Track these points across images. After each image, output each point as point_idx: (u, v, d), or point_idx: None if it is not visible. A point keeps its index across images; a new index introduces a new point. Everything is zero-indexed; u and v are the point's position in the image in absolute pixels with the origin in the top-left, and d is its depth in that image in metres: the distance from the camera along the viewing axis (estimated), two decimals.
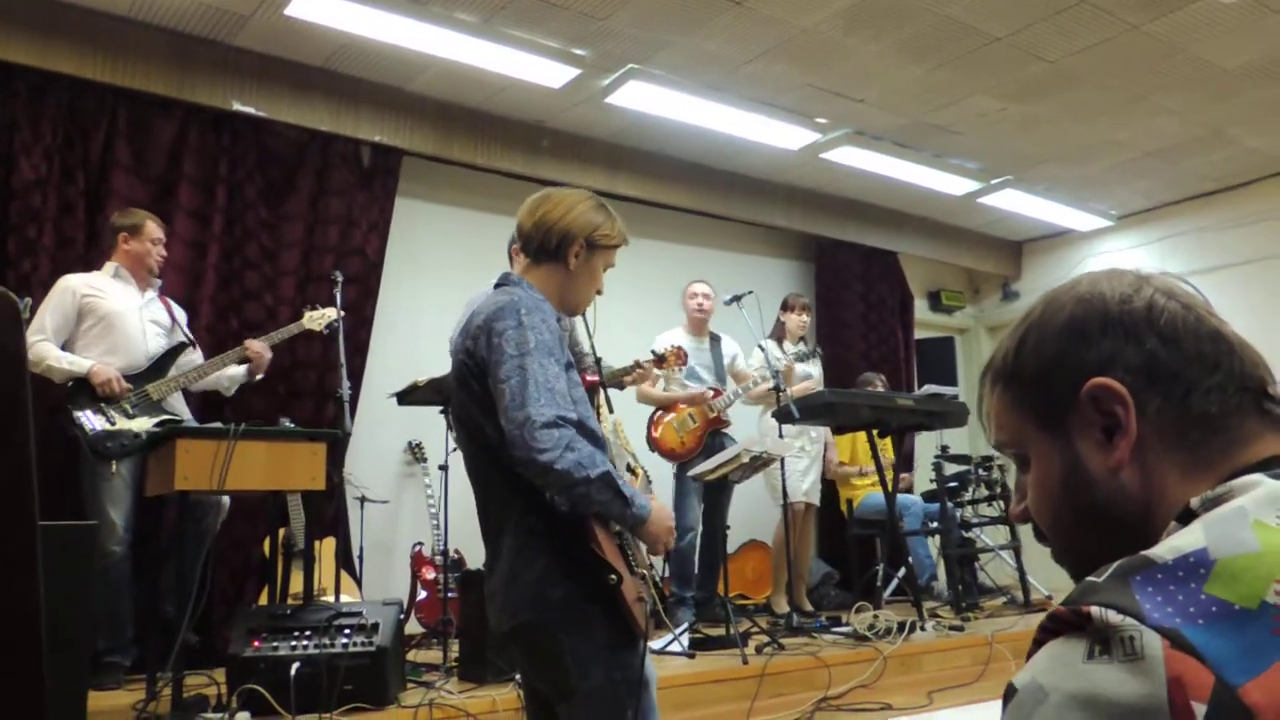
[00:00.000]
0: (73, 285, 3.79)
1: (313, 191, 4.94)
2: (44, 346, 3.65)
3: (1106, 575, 0.65)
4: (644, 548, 2.15)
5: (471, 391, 2.01)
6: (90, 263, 4.10)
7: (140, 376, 3.76)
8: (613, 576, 1.92)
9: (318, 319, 4.11)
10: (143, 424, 3.68)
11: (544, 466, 1.85)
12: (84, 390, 3.63)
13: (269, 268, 4.76)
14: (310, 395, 4.70)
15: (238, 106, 4.65)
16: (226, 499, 3.88)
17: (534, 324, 1.96)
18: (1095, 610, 0.62)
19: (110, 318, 3.78)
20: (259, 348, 3.94)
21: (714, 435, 5.15)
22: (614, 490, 1.91)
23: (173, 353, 3.91)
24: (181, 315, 4.11)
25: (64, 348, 3.72)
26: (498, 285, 2.15)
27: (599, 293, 2.26)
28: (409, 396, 3.75)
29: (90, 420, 3.59)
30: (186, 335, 4.01)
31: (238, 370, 4.01)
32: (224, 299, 4.48)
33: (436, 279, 5.44)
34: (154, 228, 3.95)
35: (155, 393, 3.75)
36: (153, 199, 4.43)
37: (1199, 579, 0.62)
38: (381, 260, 5.12)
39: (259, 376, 4.07)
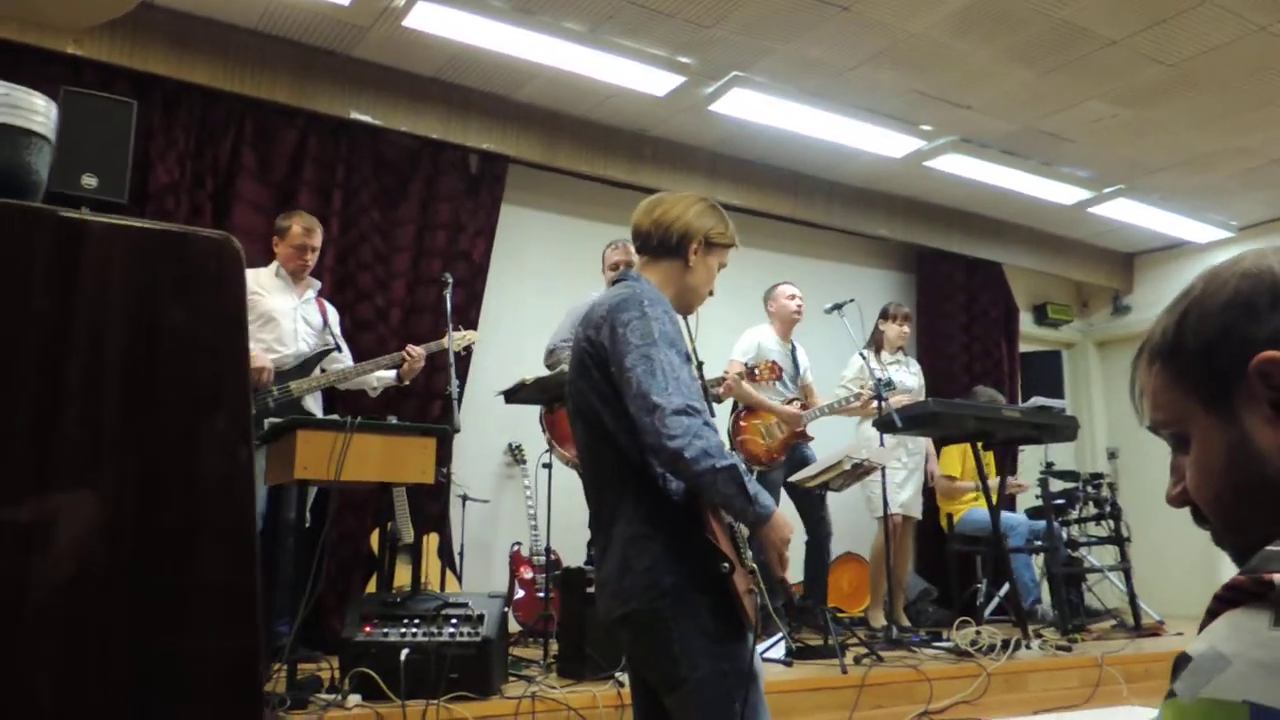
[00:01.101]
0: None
1: (423, 197, 5.10)
2: None
3: None
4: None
5: (591, 380, 2.06)
6: None
7: (286, 374, 3.95)
8: (725, 565, 1.94)
9: (460, 339, 4.27)
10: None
11: (674, 453, 1.88)
12: None
13: (381, 270, 4.93)
14: (416, 395, 4.83)
15: (355, 115, 4.83)
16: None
17: (657, 315, 2.01)
18: (1279, 577, 0.60)
19: (268, 315, 4.01)
20: (419, 353, 4.09)
21: (795, 447, 5.08)
22: (739, 484, 1.93)
23: (319, 355, 4.10)
24: (334, 318, 4.30)
25: None
26: (617, 281, 2.20)
27: (710, 293, 2.31)
28: (516, 395, 3.83)
29: None
30: (335, 338, 4.19)
31: (388, 374, 4.19)
32: (339, 300, 4.64)
33: (539, 284, 5.55)
34: (299, 232, 4.12)
35: (297, 390, 3.94)
36: (274, 203, 4.64)
37: None
38: (487, 264, 5.24)
39: (406, 382, 4.23)
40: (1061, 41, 4.64)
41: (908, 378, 5.67)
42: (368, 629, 3.13)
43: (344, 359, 4.22)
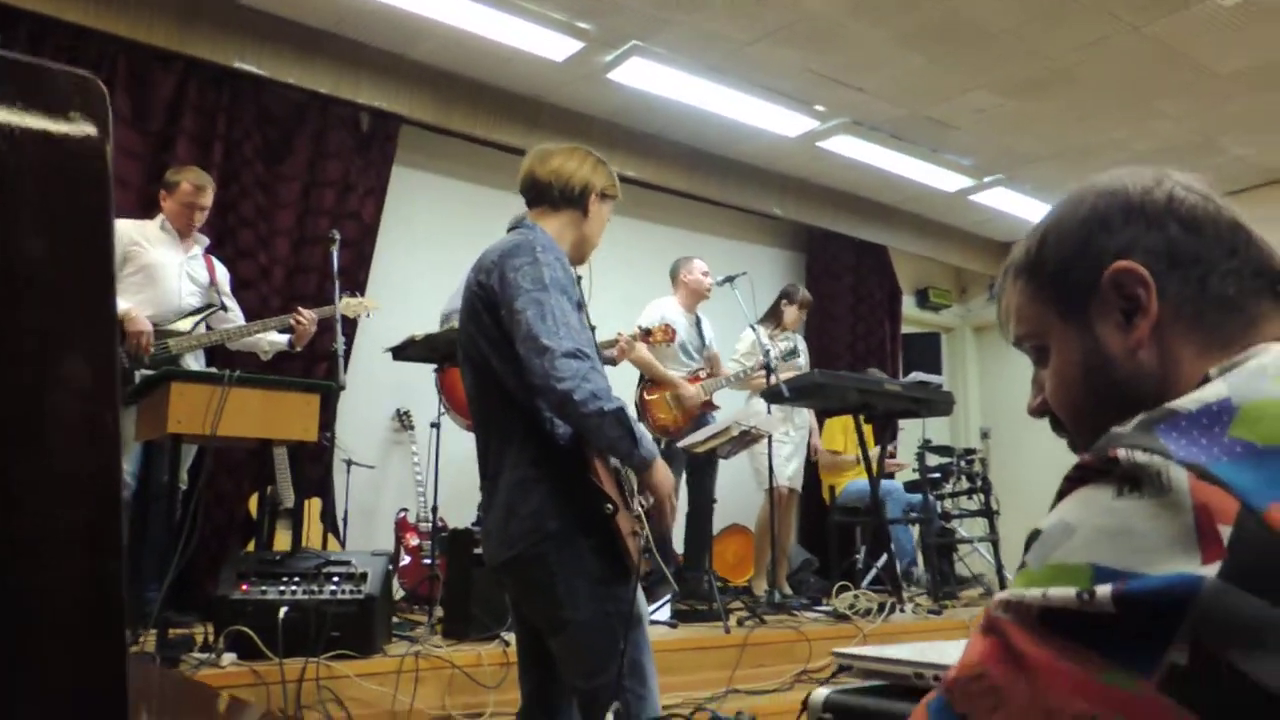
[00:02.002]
0: (122, 230, 3.83)
1: (310, 153, 4.94)
2: None
3: (1131, 426, 0.67)
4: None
5: (480, 323, 2.04)
6: None
7: (165, 331, 3.78)
8: (609, 506, 1.95)
9: (355, 306, 4.18)
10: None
11: (563, 395, 1.88)
12: None
13: (264, 226, 4.76)
14: (301, 357, 4.68)
15: (240, 64, 4.64)
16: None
17: (549, 261, 2.01)
18: (1122, 452, 0.63)
19: (150, 269, 3.84)
20: (310, 318, 3.97)
21: (702, 416, 5.16)
22: (626, 428, 1.94)
23: (201, 311, 3.94)
24: (223, 276, 4.14)
25: None
26: (510, 229, 2.19)
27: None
28: (405, 352, 3.76)
29: None
30: (222, 296, 4.04)
31: (280, 338, 4.06)
32: (218, 256, 4.46)
33: (430, 249, 5.45)
34: (188, 190, 3.95)
35: (175, 347, 3.77)
36: (150, 151, 4.43)
37: (1222, 424, 0.64)
38: (377, 226, 5.12)
39: (298, 348, 4.10)
40: (951, 29, 4.79)
41: (801, 359, 5.80)
42: (244, 587, 3.04)
43: (233, 318, 4.07)
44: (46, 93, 0.52)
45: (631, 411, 2.02)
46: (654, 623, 4.08)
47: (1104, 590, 0.59)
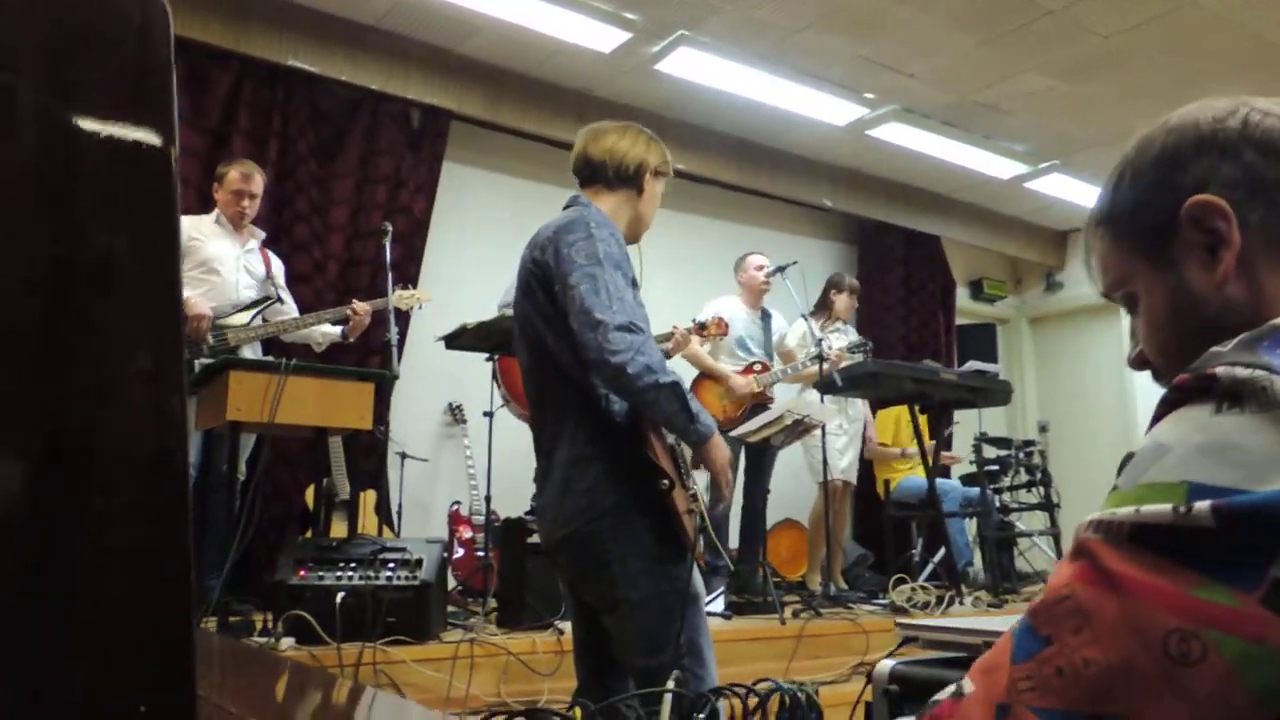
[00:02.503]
0: (181, 225, 3.87)
1: (362, 150, 5.00)
2: None
3: (1232, 345, 0.64)
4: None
5: (535, 300, 2.04)
6: None
7: (223, 322, 3.86)
8: (664, 482, 1.93)
9: (408, 298, 4.22)
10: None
11: (617, 368, 1.87)
12: None
13: (318, 222, 4.82)
14: (355, 349, 4.74)
15: (293, 62, 4.71)
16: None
17: (603, 236, 2.00)
18: (1221, 369, 0.60)
19: (209, 262, 3.91)
20: (364, 309, 4.02)
21: (756, 410, 5.11)
22: (682, 401, 1.92)
23: (258, 304, 4.01)
24: (279, 269, 4.20)
25: None
26: (566, 207, 2.18)
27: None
28: (457, 340, 3.78)
29: None
30: (278, 289, 4.10)
31: (334, 330, 4.11)
32: (274, 251, 4.52)
33: (481, 244, 5.47)
34: (236, 178, 4.00)
35: (233, 338, 3.84)
36: (208, 150, 4.50)
37: None
38: (428, 221, 5.16)
39: (352, 339, 4.16)
40: (1000, 9, 4.70)
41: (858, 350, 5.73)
42: (302, 573, 3.07)
43: (288, 310, 4.13)
44: (117, 95, 0.53)
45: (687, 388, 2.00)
46: (708, 614, 4.06)
47: (1202, 505, 0.56)
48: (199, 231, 3.96)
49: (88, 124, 0.53)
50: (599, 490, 1.95)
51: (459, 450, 5.27)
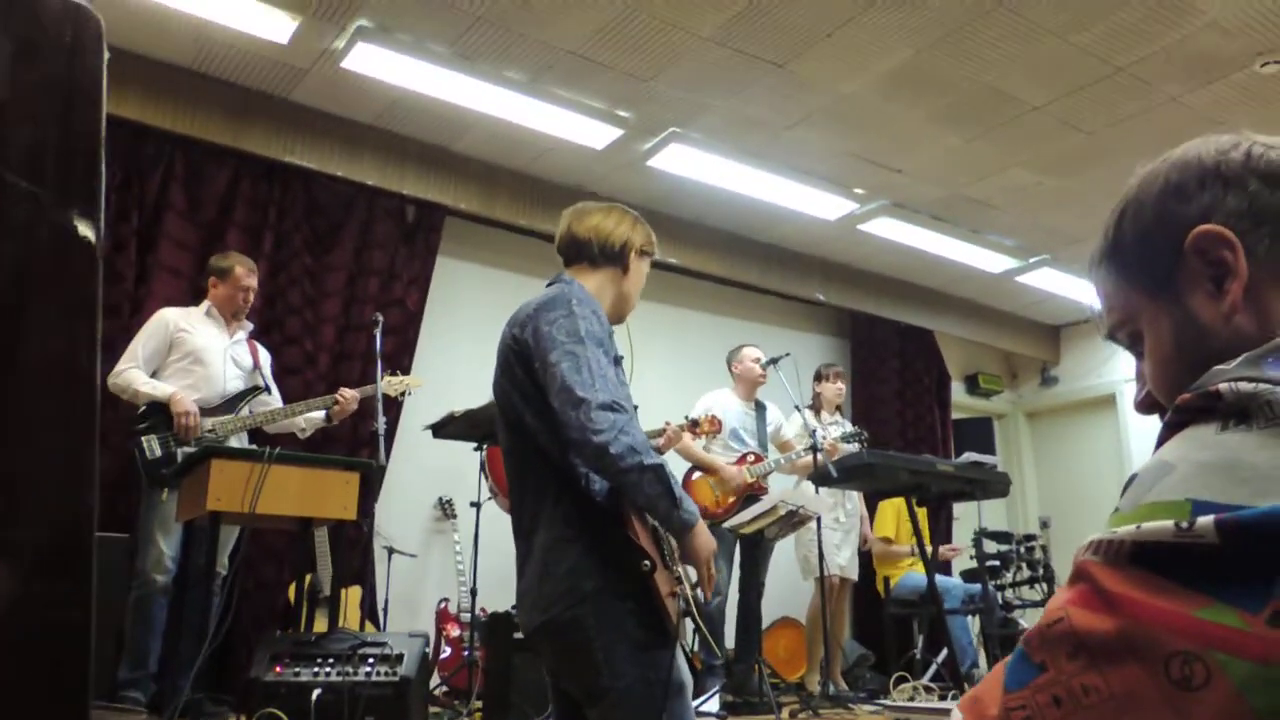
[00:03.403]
0: (169, 318, 3.95)
1: (357, 243, 5.05)
2: (134, 373, 3.79)
3: (1235, 363, 0.62)
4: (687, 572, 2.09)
5: (514, 378, 2.00)
6: (138, 300, 4.22)
7: (210, 412, 3.85)
8: (646, 563, 1.87)
9: (397, 385, 4.22)
10: None
11: (599, 448, 1.82)
12: (156, 416, 3.73)
13: (310, 314, 4.83)
14: (343, 441, 4.70)
15: (290, 159, 4.79)
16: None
17: (585, 314, 1.97)
18: (1225, 386, 0.58)
19: (197, 353, 3.92)
20: (352, 396, 4.02)
21: (749, 500, 5.04)
22: (665, 485, 1.87)
23: (245, 394, 3.99)
24: (265, 359, 4.21)
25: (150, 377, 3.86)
26: (550, 284, 2.17)
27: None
28: (444, 429, 3.73)
29: (153, 447, 3.66)
30: (264, 380, 4.10)
31: (317, 415, 4.10)
32: (265, 342, 4.52)
33: (473, 338, 5.47)
34: (243, 274, 4.06)
35: (220, 429, 3.81)
36: (202, 243, 4.54)
37: None
38: (421, 313, 5.18)
39: (334, 422, 4.15)
40: (987, 107, 4.81)
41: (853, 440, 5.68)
42: (278, 669, 2.96)
43: (273, 401, 4.11)
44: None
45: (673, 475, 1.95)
46: (703, 714, 3.91)
47: (1205, 520, 0.53)
48: (188, 323, 3.97)
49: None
50: (579, 573, 1.88)
51: (448, 546, 5.17)
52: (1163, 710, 0.51)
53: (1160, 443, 0.62)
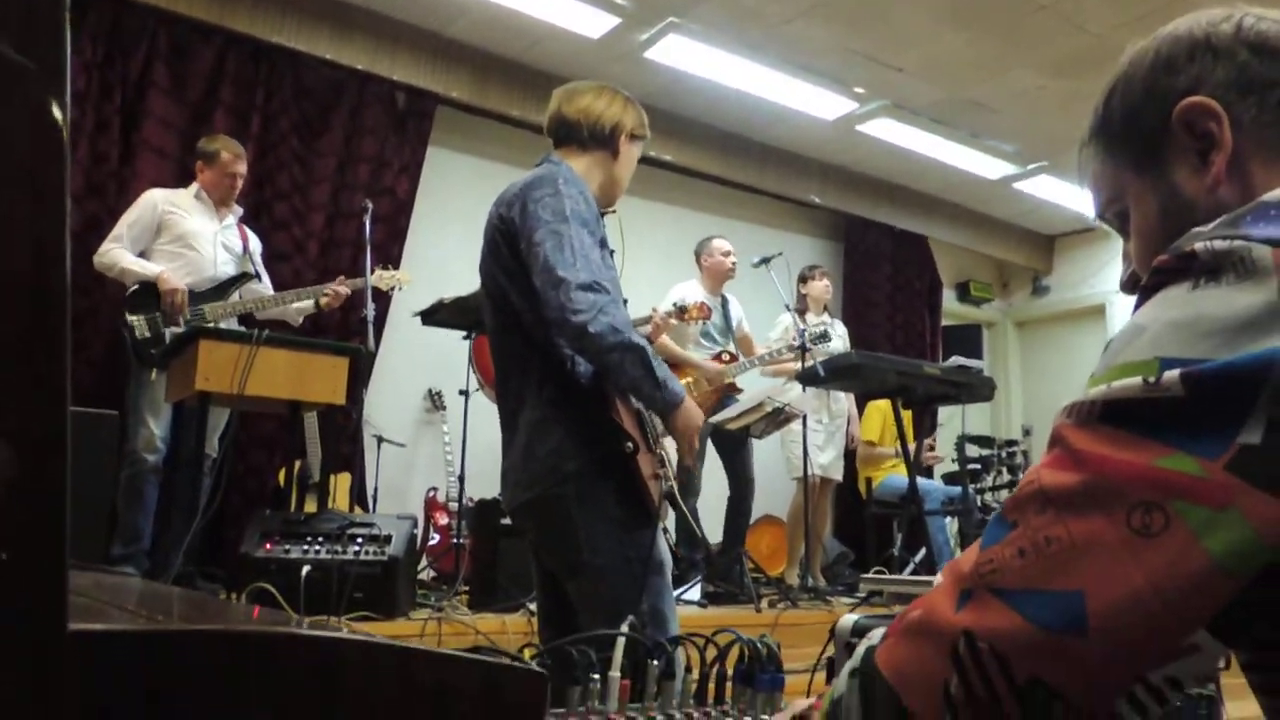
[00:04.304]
0: (157, 199, 3.90)
1: (346, 129, 4.96)
2: (119, 252, 3.75)
3: (1214, 224, 0.62)
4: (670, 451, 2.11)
5: (500, 258, 1.99)
6: (123, 179, 4.17)
7: (200, 296, 3.82)
8: (629, 444, 1.89)
9: (388, 279, 4.20)
10: None
11: (578, 328, 1.82)
12: (145, 296, 3.70)
13: (299, 200, 4.77)
14: (334, 329, 4.70)
15: (277, 40, 4.66)
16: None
17: (571, 194, 1.95)
18: (1200, 245, 0.58)
19: (186, 237, 3.87)
20: (344, 291, 4.01)
21: (725, 399, 5.04)
22: (647, 366, 1.87)
23: (236, 280, 3.97)
24: (256, 245, 4.17)
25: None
26: (538, 165, 2.14)
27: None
28: (434, 316, 3.74)
29: (142, 327, 3.66)
30: (255, 266, 4.07)
31: (308, 303, 4.08)
32: (254, 227, 4.47)
33: (464, 228, 5.38)
34: (230, 159, 3.99)
35: (210, 313, 3.80)
36: (188, 122, 4.46)
37: None
38: (411, 203, 5.12)
39: (324, 309, 4.15)
40: (992, 4, 4.69)
41: (834, 339, 5.69)
42: (268, 546, 3.02)
43: (264, 288, 4.08)
44: None
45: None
46: (684, 602, 4.01)
47: (1171, 374, 0.54)
48: (176, 205, 3.91)
49: None
50: (563, 454, 1.91)
51: (438, 437, 5.22)
52: (1121, 556, 0.53)
53: (1137, 307, 0.63)
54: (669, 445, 2.09)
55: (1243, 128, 0.71)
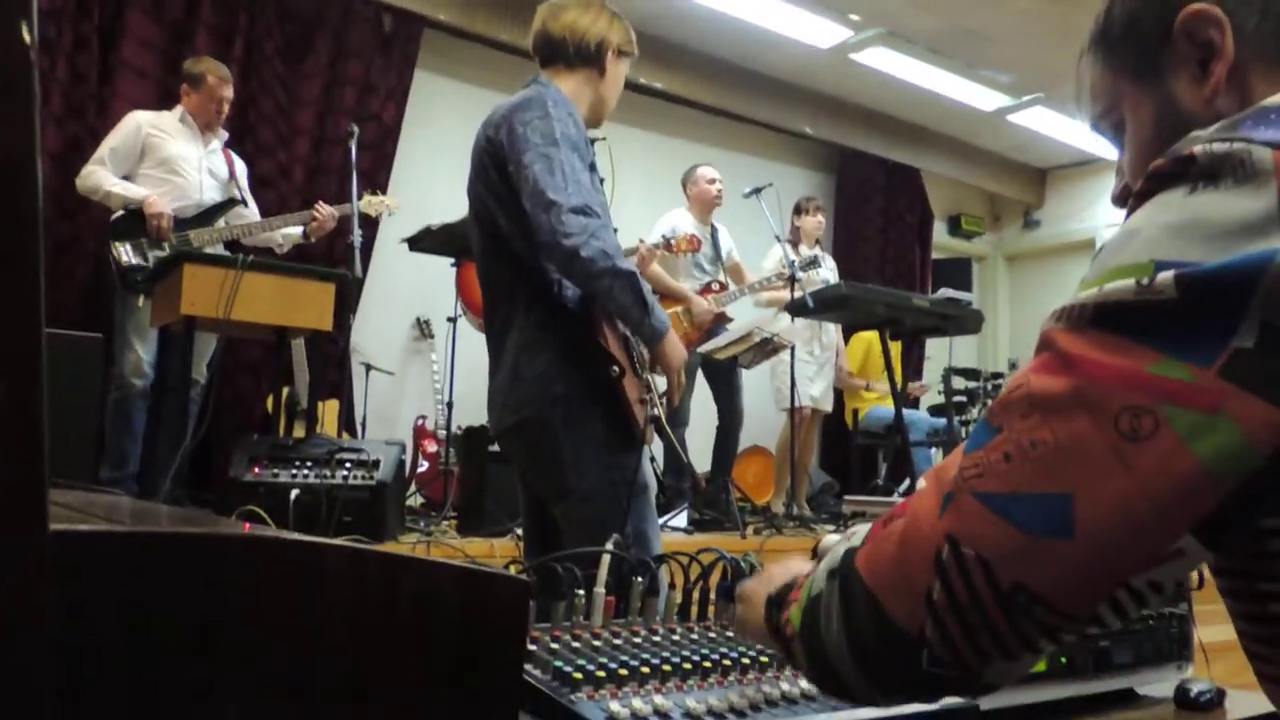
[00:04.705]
0: (140, 121, 3.82)
1: (331, 52, 4.86)
2: (102, 174, 3.69)
3: (1211, 129, 0.60)
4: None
5: (488, 181, 1.97)
6: (103, 100, 4.09)
7: (186, 222, 3.77)
8: (615, 369, 1.89)
9: (376, 204, 4.13)
10: None
11: (569, 252, 1.81)
12: (131, 223, 3.65)
13: (284, 124, 4.70)
14: (320, 257, 4.65)
15: None
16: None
17: (560, 116, 1.93)
18: (1199, 149, 0.57)
19: (170, 161, 3.81)
20: (328, 213, 3.94)
21: (716, 329, 5.03)
22: (637, 293, 1.87)
23: (222, 206, 3.91)
24: (242, 170, 4.10)
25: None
26: (525, 86, 2.11)
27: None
28: (421, 243, 3.71)
29: (127, 253, 3.61)
30: (241, 192, 4.01)
31: (295, 230, 4.02)
32: (238, 153, 4.40)
33: (451, 155, 5.28)
34: (216, 84, 3.91)
35: (196, 240, 3.75)
36: (168, 42, 4.36)
37: None
38: (398, 128, 5.04)
39: (314, 240, 4.09)
40: None
41: (824, 271, 5.68)
42: (256, 469, 3.03)
43: (250, 214, 4.03)
44: None
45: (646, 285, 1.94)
46: (670, 529, 4.06)
47: (1165, 275, 0.53)
48: (160, 128, 3.84)
49: None
50: (549, 377, 1.91)
51: (426, 366, 5.22)
52: (1107, 459, 0.53)
53: (1129, 215, 0.61)
54: (659, 382, 2.10)
55: (1245, 36, 0.70)
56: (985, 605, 0.56)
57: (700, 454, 4.91)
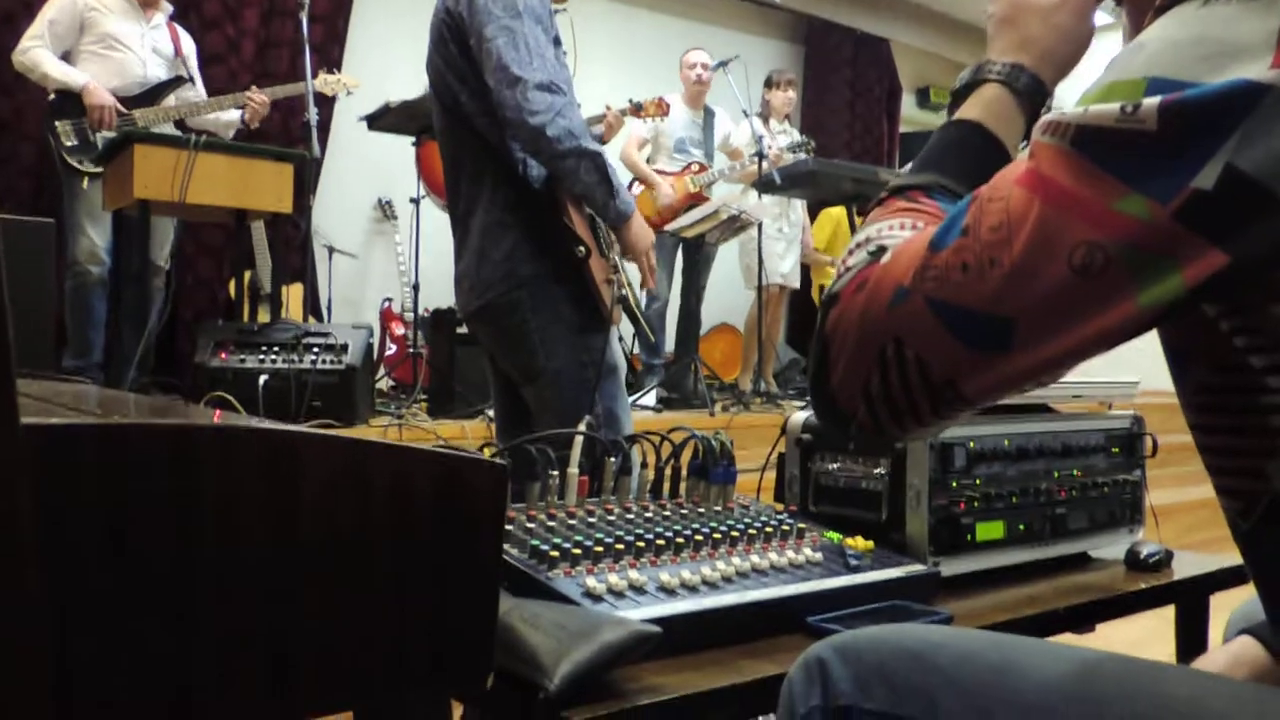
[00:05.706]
0: None
1: None
2: (42, 53, 3.53)
3: None
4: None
5: (448, 55, 1.90)
6: None
7: (130, 101, 3.62)
8: (580, 249, 1.87)
9: (333, 83, 3.98)
10: None
11: (535, 130, 1.76)
12: (70, 101, 3.51)
13: None
14: (276, 138, 4.52)
15: None
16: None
17: None
18: None
19: (111, 38, 3.64)
20: (261, 99, 3.80)
21: (692, 208, 5.00)
22: (603, 173, 1.84)
23: (169, 84, 3.76)
24: (190, 48, 3.93)
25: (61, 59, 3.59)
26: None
27: None
28: (380, 121, 3.60)
29: (69, 134, 3.47)
30: (188, 70, 3.84)
31: (233, 115, 3.88)
32: (183, 26, 4.21)
33: (409, 26, 5.06)
34: None
35: (143, 119, 3.60)
36: None
37: None
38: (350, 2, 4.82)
39: (253, 126, 3.93)
40: None
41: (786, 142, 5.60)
42: (223, 355, 3.01)
43: (197, 93, 3.87)
44: None
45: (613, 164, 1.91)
46: (639, 407, 4.11)
47: (1150, 102, 0.54)
48: (99, 3, 3.64)
49: None
50: (515, 258, 1.89)
51: (390, 248, 5.15)
52: (1056, 290, 0.55)
53: (1146, 26, 0.61)
54: (633, 269, 2.08)
55: None
56: (914, 394, 0.61)
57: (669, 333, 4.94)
